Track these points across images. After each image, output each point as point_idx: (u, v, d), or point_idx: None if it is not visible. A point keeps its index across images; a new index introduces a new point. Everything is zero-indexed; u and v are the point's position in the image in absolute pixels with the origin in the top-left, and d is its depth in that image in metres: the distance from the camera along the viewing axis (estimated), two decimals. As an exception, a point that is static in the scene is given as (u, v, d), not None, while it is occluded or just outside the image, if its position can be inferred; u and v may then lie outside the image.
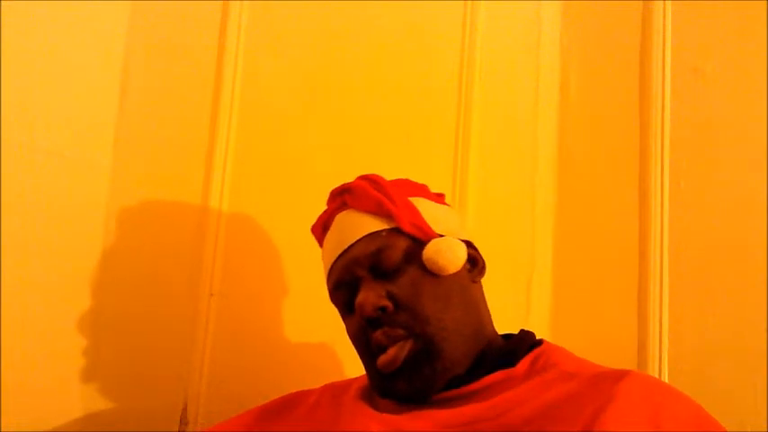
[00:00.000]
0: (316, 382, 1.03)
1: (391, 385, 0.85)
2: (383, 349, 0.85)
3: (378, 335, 0.85)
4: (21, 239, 1.05)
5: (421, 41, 1.39)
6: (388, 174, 0.97)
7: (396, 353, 0.84)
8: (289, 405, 0.97)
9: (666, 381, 1.19)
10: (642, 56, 1.34)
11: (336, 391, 0.95)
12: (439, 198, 0.98)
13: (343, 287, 0.90)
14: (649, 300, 1.24)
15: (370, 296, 0.85)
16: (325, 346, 1.22)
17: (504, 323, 0.96)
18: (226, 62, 1.22)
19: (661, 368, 1.21)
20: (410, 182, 0.97)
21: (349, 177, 0.99)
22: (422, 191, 0.96)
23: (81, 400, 1.08)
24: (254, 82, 1.24)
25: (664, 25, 1.32)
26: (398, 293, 0.86)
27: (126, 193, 1.14)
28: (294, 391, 1.02)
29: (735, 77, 1.24)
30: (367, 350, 0.87)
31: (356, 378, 0.97)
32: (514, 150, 1.45)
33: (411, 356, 0.83)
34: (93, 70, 1.14)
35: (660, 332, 1.22)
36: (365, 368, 0.90)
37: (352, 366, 0.98)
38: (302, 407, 0.96)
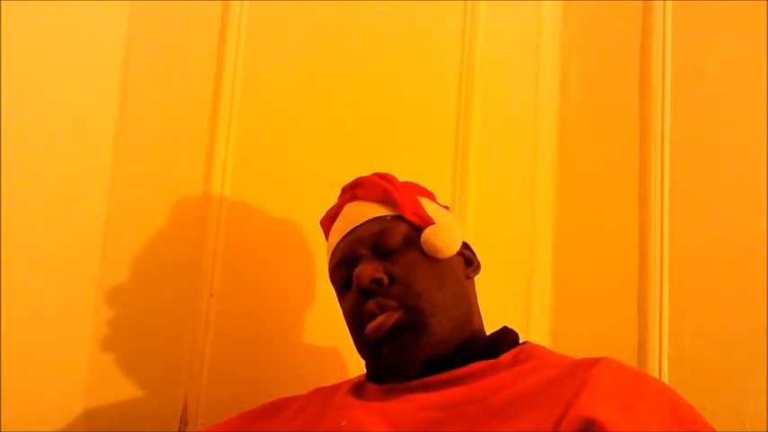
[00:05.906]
0: (316, 382, 1.03)
1: (377, 353, 0.89)
2: (373, 318, 0.88)
3: (371, 304, 0.89)
4: (21, 239, 1.05)
5: (421, 41, 1.39)
6: (387, 171, 0.98)
7: (384, 319, 0.87)
8: (275, 410, 0.99)
9: (666, 381, 1.19)
10: (642, 56, 1.34)
11: (326, 392, 0.98)
12: (444, 206, 1.03)
13: (344, 265, 0.94)
14: (649, 300, 1.24)
15: (368, 268, 0.90)
16: (325, 346, 1.22)
17: (504, 323, 0.96)
18: (226, 62, 1.22)
19: (661, 368, 1.21)
20: (419, 185, 1.02)
21: (350, 180, 1.00)
22: (428, 194, 1.02)
23: (81, 400, 1.08)
24: (254, 82, 1.24)
25: (664, 25, 1.32)
26: (395, 270, 0.90)
27: (126, 193, 1.14)
28: (294, 389, 1.02)
29: (735, 77, 1.24)
30: (358, 322, 0.91)
31: (345, 381, 0.99)
32: (514, 150, 1.44)
33: (398, 325, 0.87)
34: (93, 70, 1.14)
35: (660, 332, 1.22)
36: (355, 345, 0.94)
37: (353, 367, 0.98)
38: (289, 410, 0.98)
